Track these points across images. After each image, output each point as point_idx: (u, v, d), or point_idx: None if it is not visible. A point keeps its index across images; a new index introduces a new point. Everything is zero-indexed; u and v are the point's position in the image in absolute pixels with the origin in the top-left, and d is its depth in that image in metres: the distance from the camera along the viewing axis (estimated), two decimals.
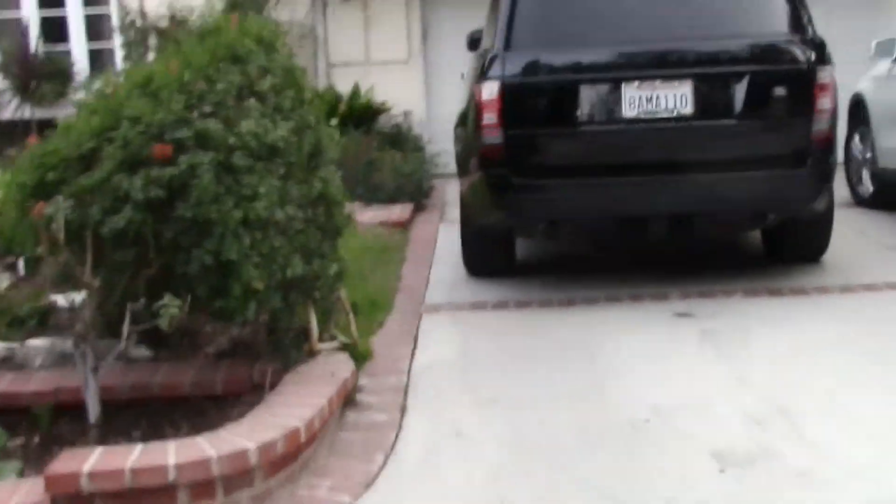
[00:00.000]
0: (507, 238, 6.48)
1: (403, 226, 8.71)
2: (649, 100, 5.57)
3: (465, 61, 10.54)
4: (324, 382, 4.14)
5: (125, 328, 3.85)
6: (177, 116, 3.85)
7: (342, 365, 4.38)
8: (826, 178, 5.72)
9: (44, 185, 4.02)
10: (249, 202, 3.93)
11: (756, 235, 6.85)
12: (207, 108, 3.98)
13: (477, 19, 10.38)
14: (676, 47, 5.67)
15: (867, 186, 8.37)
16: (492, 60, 5.76)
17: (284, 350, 4.41)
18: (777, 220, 5.95)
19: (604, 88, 5.65)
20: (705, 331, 5.20)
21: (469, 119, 6.10)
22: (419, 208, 9.71)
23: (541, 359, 4.97)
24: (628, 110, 5.60)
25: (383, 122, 11.58)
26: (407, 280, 6.80)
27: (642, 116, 5.59)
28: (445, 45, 11.95)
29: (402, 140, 11.23)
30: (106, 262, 3.95)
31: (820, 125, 5.58)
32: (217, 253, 3.84)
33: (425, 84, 12.16)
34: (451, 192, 10.50)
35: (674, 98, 5.56)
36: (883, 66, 8.16)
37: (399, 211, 9.10)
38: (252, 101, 4.17)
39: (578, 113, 5.66)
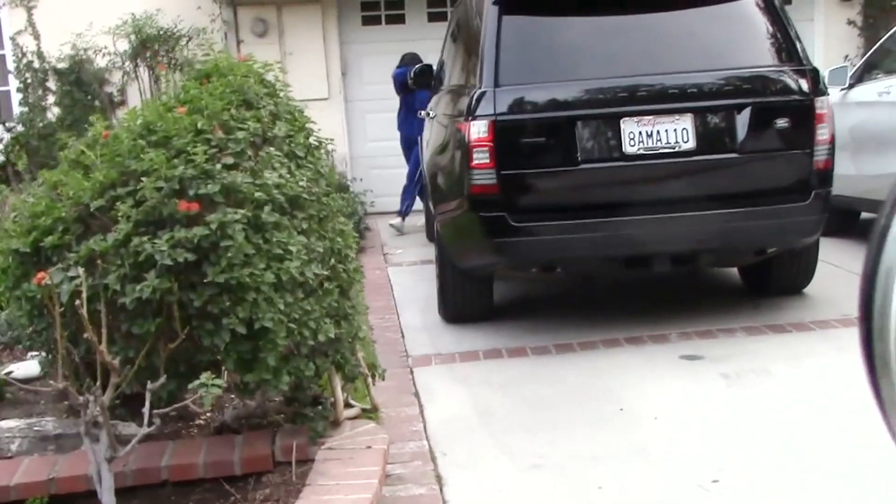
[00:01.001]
0: (488, 281, 6.18)
1: None
2: (650, 135, 5.34)
3: (384, 97, 10.66)
4: (364, 457, 3.74)
5: (147, 411, 3.37)
6: (200, 169, 3.42)
7: (375, 435, 3.99)
8: (825, 209, 5.58)
9: (39, 251, 3.54)
10: (280, 262, 3.53)
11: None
12: (229, 160, 3.56)
13: (395, 57, 10.23)
14: (676, 80, 5.46)
15: None
16: (480, 97, 5.44)
17: (308, 422, 4.00)
18: (773, 254, 5.80)
19: (602, 124, 5.40)
20: (725, 374, 4.97)
21: (453, 158, 5.77)
22: (359, 250, 9.32)
23: (564, 413, 4.65)
24: (629, 146, 5.36)
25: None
26: (379, 330, 6.40)
27: (643, 152, 5.36)
28: (366, 82, 11.74)
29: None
30: (120, 336, 3.49)
31: (820, 156, 5.45)
32: (249, 321, 3.42)
33: (347, 122, 11.80)
34: (384, 232, 10.17)
35: (675, 132, 5.34)
36: (834, 94, 8.15)
37: None
38: (271, 150, 3.77)
39: (576, 150, 5.39)
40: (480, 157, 5.37)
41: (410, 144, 10.27)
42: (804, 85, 5.52)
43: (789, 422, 4.33)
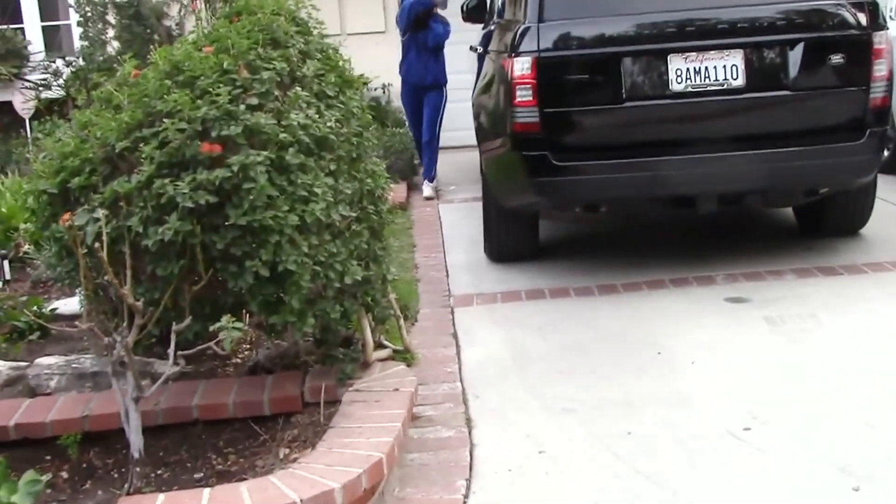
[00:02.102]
0: (533, 220, 6.10)
1: (402, 207, 8.28)
2: (697, 72, 5.19)
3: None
4: (391, 400, 3.72)
5: (171, 352, 3.39)
6: (223, 110, 3.38)
7: (403, 378, 3.97)
8: (882, 149, 5.39)
9: (67, 192, 3.54)
10: (305, 204, 3.49)
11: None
12: (254, 100, 3.51)
13: None
14: (725, 15, 5.27)
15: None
16: (524, 33, 5.33)
17: (339, 363, 3.99)
18: (826, 194, 5.63)
19: (648, 61, 5.25)
20: (770, 319, 4.86)
21: (497, 95, 5.68)
22: (412, 187, 9.30)
23: (601, 356, 4.59)
24: (675, 84, 5.21)
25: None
26: (424, 269, 6.40)
27: (690, 90, 5.21)
28: None
29: (381, 114, 10.75)
30: (144, 277, 3.49)
31: (877, 93, 5.26)
32: (273, 263, 3.40)
33: None
34: (440, 169, 10.10)
35: (724, 69, 5.19)
36: None
37: (395, 191, 8.63)
38: (298, 90, 3.72)
39: (621, 88, 5.26)
40: (523, 95, 5.28)
41: (418, 94, 9.17)
42: (861, 18, 5.30)
43: (830, 371, 4.22)
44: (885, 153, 7.93)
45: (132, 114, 3.53)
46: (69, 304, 5.11)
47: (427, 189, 9.02)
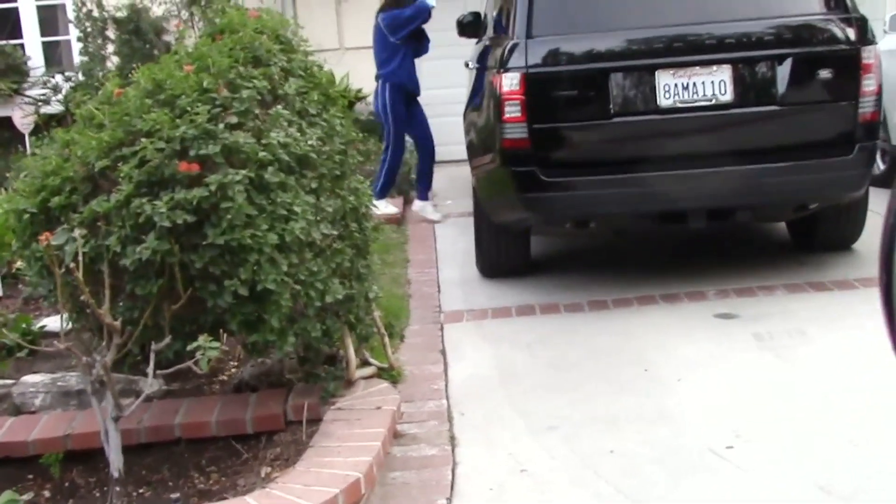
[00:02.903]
0: (525, 236, 6.09)
1: (397, 222, 8.28)
2: (685, 87, 5.19)
3: (441, 44, 10.13)
4: (372, 418, 3.72)
5: (150, 370, 3.39)
6: (201, 129, 3.39)
7: (386, 396, 3.97)
8: (871, 163, 5.38)
9: (48, 211, 3.55)
10: (285, 223, 3.49)
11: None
12: (233, 119, 3.52)
13: (456, 4, 10.00)
14: (713, 30, 5.27)
15: (878, 164, 8.05)
16: (512, 49, 5.33)
17: (321, 381, 3.99)
18: (817, 209, 5.62)
19: (636, 76, 5.25)
20: (758, 335, 4.84)
21: (487, 111, 5.68)
22: (409, 201, 9.29)
23: (587, 373, 4.57)
24: (664, 99, 5.21)
25: (359, 110, 11.11)
26: (416, 284, 6.39)
27: (679, 105, 5.21)
28: None
29: (379, 129, 10.75)
30: (124, 296, 3.49)
31: (866, 107, 5.24)
32: (252, 282, 3.40)
33: None
34: (436, 183, 10.07)
35: (712, 84, 5.18)
36: None
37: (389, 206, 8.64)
38: (279, 108, 3.72)
39: (609, 103, 5.25)
40: (512, 111, 5.27)
41: (408, 101, 8.53)
42: (850, 33, 5.30)
43: (817, 388, 4.20)
44: (881, 167, 7.99)
45: (113, 133, 3.53)
46: (58, 321, 5.10)
47: (428, 211, 8.57)
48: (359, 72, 11.12)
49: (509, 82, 5.28)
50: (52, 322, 5.20)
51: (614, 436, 3.87)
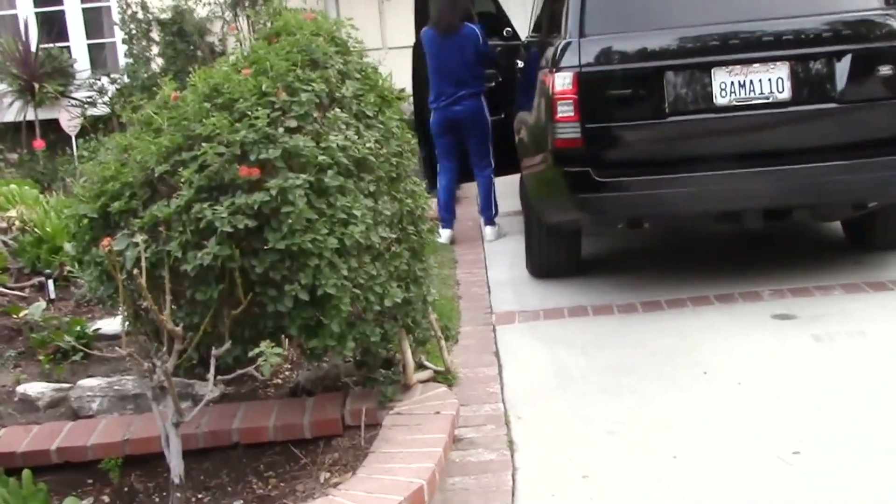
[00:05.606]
0: (575, 236, 6.04)
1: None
2: (742, 85, 5.11)
3: None
4: (432, 423, 3.68)
5: (211, 376, 3.37)
6: (261, 133, 3.37)
7: (444, 400, 3.93)
8: None
9: (107, 216, 3.55)
10: (344, 227, 3.47)
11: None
12: (292, 123, 3.50)
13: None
14: (770, 27, 5.19)
15: None
16: (565, 48, 5.28)
17: (378, 385, 3.96)
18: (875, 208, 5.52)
19: (691, 75, 5.18)
20: (818, 336, 4.76)
21: (538, 110, 5.63)
22: (456, 200, 9.23)
23: (645, 376, 4.52)
24: (719, 97, 5.14)
25: (403, 109, 11.07)
26: (466, 286, 6.35)
27: (735, 103, 5.13)
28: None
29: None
30: (184, 301, 3.49)
31: None
32: (312, 287, 3.38)
33: None
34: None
35: (769, 82, 5.10)
36: None
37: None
38: (337, 111, 3.70)
39: (664, 102, 5.19)
40: (564, 110, 5.22)
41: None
42: None
43: (879, 392, 4.12)
44: None
45: (171, 137, 3.52)
46: (112, 324, 5.12)
47: (489, 234, 7.64)
48: (401, 71, 11.10)
49: (562, 81, 5.23)
50: (106, 325, 5.22)
51: (676, 441, 3.82)
